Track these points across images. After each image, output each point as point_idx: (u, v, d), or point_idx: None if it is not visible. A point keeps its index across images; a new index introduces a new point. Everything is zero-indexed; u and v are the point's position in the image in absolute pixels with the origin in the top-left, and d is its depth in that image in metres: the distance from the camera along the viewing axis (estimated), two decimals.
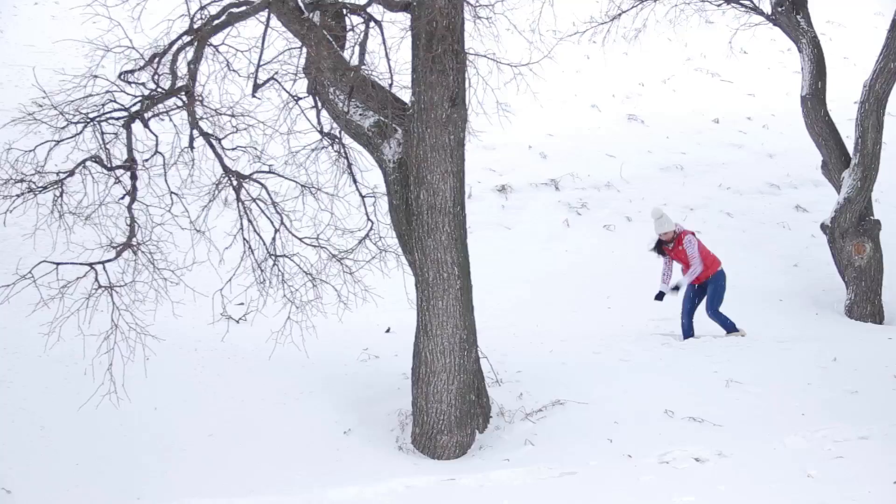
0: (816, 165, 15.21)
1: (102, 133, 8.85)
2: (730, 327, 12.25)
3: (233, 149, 9.30)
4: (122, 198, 8.98)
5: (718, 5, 15.64)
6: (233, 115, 9.20)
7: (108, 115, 8.84)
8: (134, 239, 8.86)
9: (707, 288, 12.36)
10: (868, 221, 14.05)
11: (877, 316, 13.89)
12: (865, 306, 13.91)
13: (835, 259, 14.27)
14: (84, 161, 8.83)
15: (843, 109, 17.26)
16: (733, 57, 19.69)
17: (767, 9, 15.12)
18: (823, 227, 14.33)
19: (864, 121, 13.91)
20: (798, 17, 14.61)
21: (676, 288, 12.49)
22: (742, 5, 15.32)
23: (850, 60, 21.75)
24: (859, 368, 10.45)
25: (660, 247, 12.45)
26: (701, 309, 12.43)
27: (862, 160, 13.92)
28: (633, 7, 15.55)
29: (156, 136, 9.02)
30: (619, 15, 15.64)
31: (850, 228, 13.98)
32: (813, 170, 16.39)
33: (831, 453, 8.61)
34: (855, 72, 19.18)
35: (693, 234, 12.38)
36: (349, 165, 10.09)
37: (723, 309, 12.32)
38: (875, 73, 13.85)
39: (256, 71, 9.07)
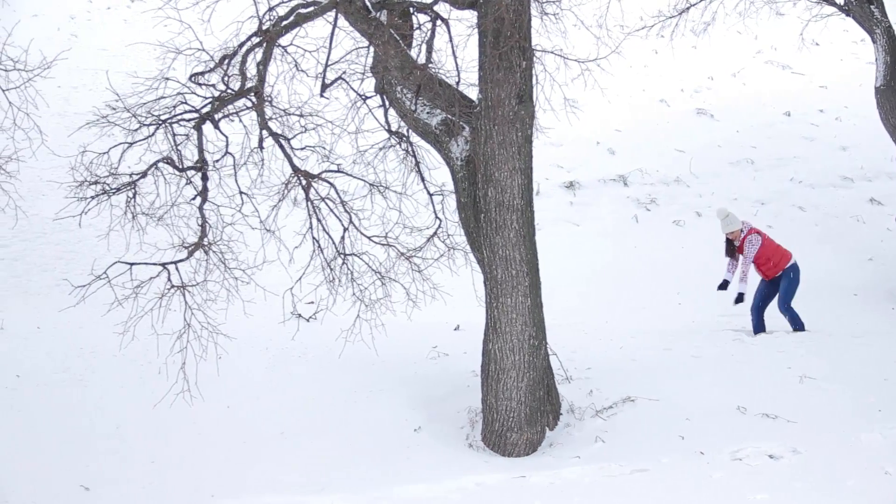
0: (891, 157, 14.95)
1: (174, 135, 8.96)
2: (800, 326, 12.05)
3: (301, 148, 9.36)
4: (194, 198, 9.08)
5: None
6: (301, 115, 9.26)
7: (179, 117, 8.94)
8: (205, 239, 8.96)
9: (780, 283, 12.19)
10: None
11: None
12: None
13: None
14: (156, 162, 8.95)
15: None
16: (805, 49, 19.36)
17: None
18: None
19: None
20: (872, 6, 14.35)
21: (740, 299, 12.25)
22: None
23: None
24: None
25: (731, 248, 12.27)
26: (773, 304, 12.27)
27: None
28: (701, 0, 15.40)
29: (226, 137, 9.11)
30: (688, 8, 15.51)
31: None
32: (888, 162, 16.12)
33: None
34: None
35: (759, 232, 12.17)
36: (417, 164, 10.11)
37: (796, 304, 12.14)
38: None
39: (324, 71, 9.13)
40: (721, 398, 9.69)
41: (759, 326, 12.22)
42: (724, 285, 12.41)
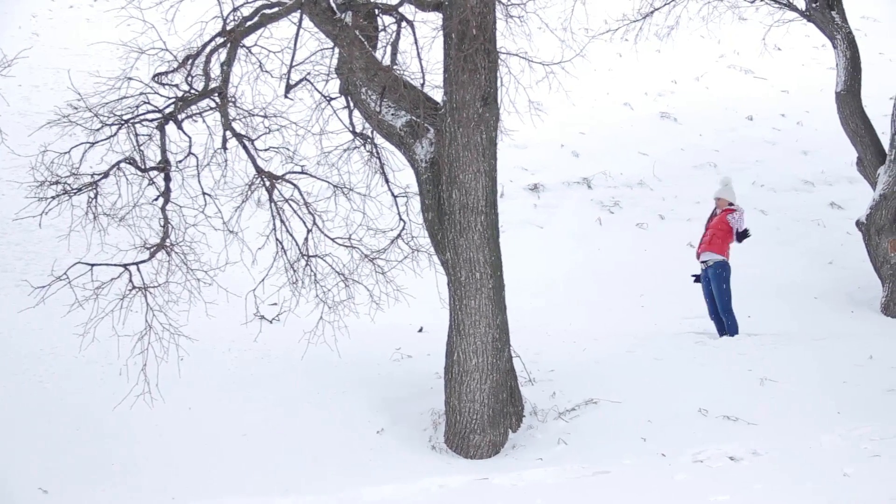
0: (852, 162, 15.09)
1: (136, 135, 8.92)
2: (733, 332, 12.11)
3: (265, 149, 9.34)
4: (156, 199, 9.04)
5: (752, 2, 15.59)
6: (265, 116, 9.25)
7: (141, 117, 8.90)
8: (167, 240, 8.91)
9: (711, 283, 12.26)
10: None
11: None
12: None
13: (870, 256, 14.14)
14: (118, 163, 8.90)
15: (879, 105, 17.11)
16: (767, 54, 19.57)
17: (801, 5, 15.03)
18: (859, 224, 14.20)
19: None
20: (832, 12, 14.51)
21: (699, 277, 12.47)
22: (776, 1, 15.27)
23: (886, 56, 21.57)
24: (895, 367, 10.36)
25: (712, 217, 12.51)
26: None
27: None
28: (665, 4, 15.53)
29: (189, 138, 9.07)
30: (652, 12, 15.61)
31: (886, 225, 13.84)
32: (848, 166, 16.26)
33: (868, 452, 8.53)
34: (890, 67, 19.06)
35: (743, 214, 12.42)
36: (381, 165, 10.11)
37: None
38: None
39: (289, 72, 9.11)
40: (683, 400, 9.74)
41: (721, 328, 12.31)
42: (698, 278, 12.51)
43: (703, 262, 12.39)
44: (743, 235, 12.35)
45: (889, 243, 13.83)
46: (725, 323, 12.19)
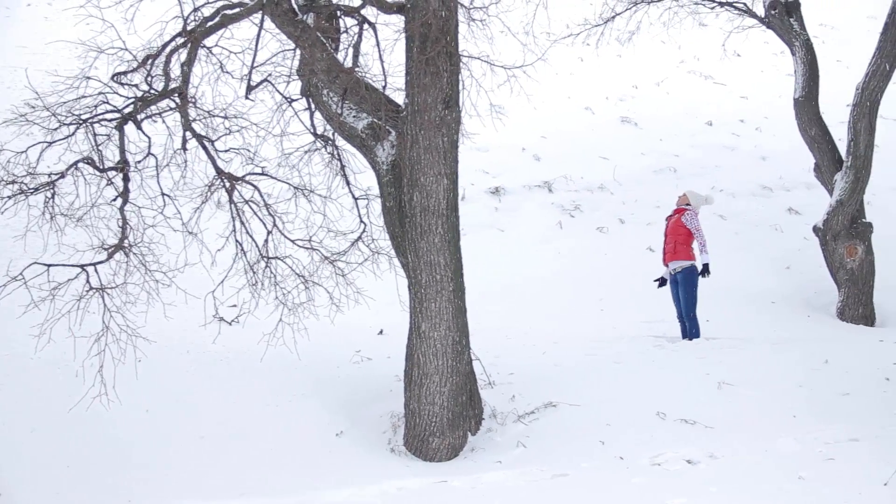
0: (809, 168, 15.24)
1: (95, 135, 8.84)
2: (695, 335, 12.23)
3: (226, 150, 9.29)
4: (115, 199, 8.97)
5: (712, 8, 15.69)
6: (226, 117, 9.21)
7: (100, 117, 8.83)
8: (126, 241, 8.85)
9: (678, 288, 12.36)
10: (860, 224, 14.08)
11: (868, 318, 13.92)
12: (857, 308, 13.94)
13: (827, 261, 14.30)
14: (76, 162, 8.82)
15: (836, 112, 17.32)
16: (727, 59, 19.75)
17: (761, 12, 15.18)
18: (816, 229, 14.35)
19: (856, 123, 13.95)
20: (791, 20, 14.66)
21: (663, 281, 12.58)
22: (735, 8, 15.38)
23: (843, 63, 21.80)
24: (851, 370, 10.46)
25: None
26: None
27: (854, 163, 13.95)
28: (626, 9, 15.60)
29: (148, 138, 9.01)
30: (613, 17, 15.69)
31: (843, 231, 14.00)
32: (805, 172, 16.42)
33: (822, 455, 8.61)
34: (848, 74, 19.24)
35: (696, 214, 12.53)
36: (342, 167, 10.09)
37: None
38: (867, 76, 13.89)
39: (250, 73, 9.07)
40: (641, 404, 9.79)
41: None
42: (662, 282, 12.60)
43: (672, 270, 12.47)
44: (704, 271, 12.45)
45: (845, 249, 13.99)
46: (688, 327, 12.28)
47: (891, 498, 7.75)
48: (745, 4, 15.31)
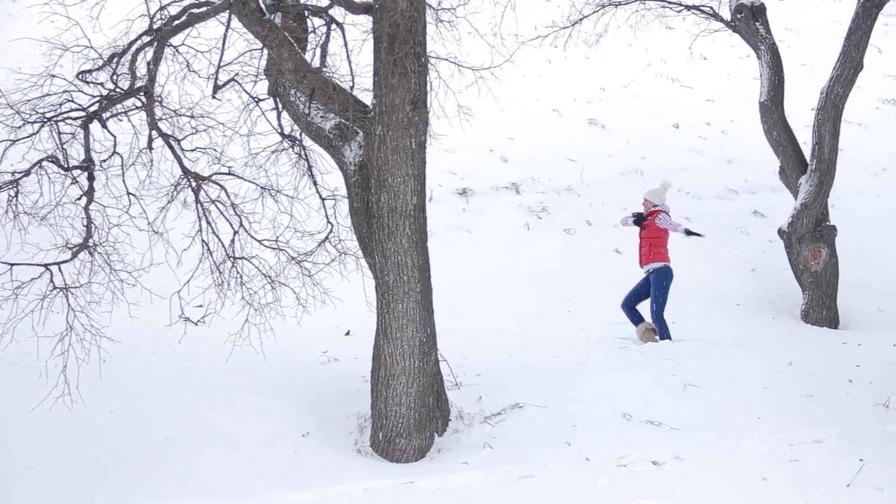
0: (774, 171, 15.35)
1: (59, 133, 8.77)
2: (666, 337, 12.28)
3: (192, 150, 9.24)
4: (79, 198, 8.90)
5: (679, 11, 15.77)
6: (192, 117, 9.15)
7: (65, 115, 8.76)
8: (90, 240, 8.78)
9: (651, 286, 12.41)
10: (824, 227, 14.20)
11: (832, 320, 14.03)
12: (821, 311, 14.05)
13: (791, 264, 14.40)
14: (40, 161, 8.75)
15: (801, 116, 17.44)
16: (693, 63, 19.86)
17: (727, 15, 15.28)
18: (781, 232, 14.46)
19: (820, 127, 14.07)
20: (757, 24, 14.76)
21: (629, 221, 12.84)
22: (702, 12, 15.46)
23: (808, 67, 21.97)
24: (814, 372, 10.53)
25: (638, 219, 12.61)
26: (645, 305, 12.53)
27: (819, 166, 14.07)
28: (594, 12, 15.66)
29: (114, 137, 8.95)
30: (581, 20, 15.75)
31: (807, 234, 14.11)
32: (771, 175, 16.54)
33: (786, 457, 8.67)
34: (812, 78, 19.38)
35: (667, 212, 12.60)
36: (309, 168, 10.05)
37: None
38: (832, 80, 14.02)
39: (217, 72, 9.03)
40: (607, 405, 9.82)
41: (634, 319, 12.47)
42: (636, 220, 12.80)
43: (646, 271, 12.50)
44: (689, 233, 12.53)
45: (810, 251, 14.10)
46: (658, 329, 12.31)
47: (853, 499, 7.83)
48: (711, 8, 15.40)
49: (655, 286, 12.35)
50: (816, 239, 14.11)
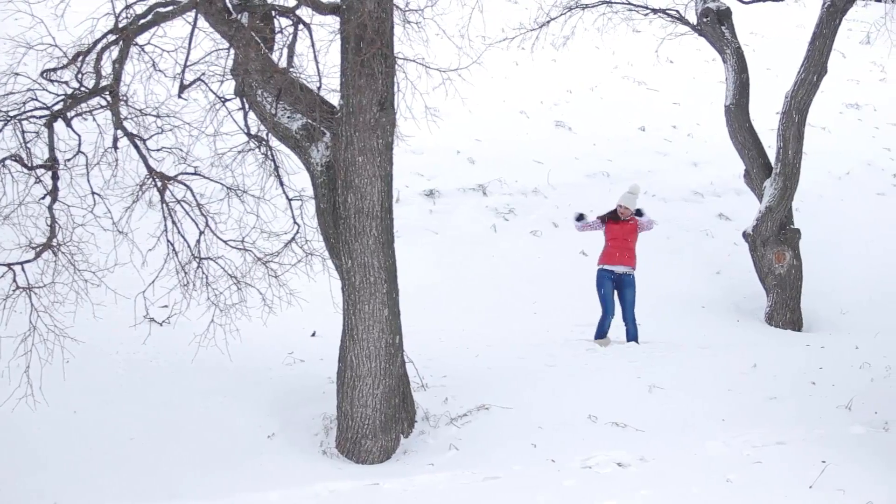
0: (739, 174, 15.46)
1: (23, 132, 8.69)
2: (635, 338, 12.34)
3: (158, 150, 9.18)
4: (43, 198, 8.82)
5: (645, 15, 15.84)
6: (158, 116, 9.10)
7: (29, 114, 8.68)
8: (54, 239, 8.70)
9: (625, 289, 12.42)
10: (788, 230, 14.32)
11: (796, 323, 14.16)
12: (785, 314, 14.17)
13: (756, 267, 14.51)
14: (3, 160, 8.66)
15: (766, 119, 17.57)
16: (659, 66, 19.98)
17: (693, 19, 15.38)
18: (745, 235, 14.57)
19: (785, 131, 14.18)
20: (723, 28, 14.86)
21: (581, 217, 12.85)
22: (668, 15, 15.55)
23: (773, 71, 22.14)
24: (778, 375, 10.62)
25: (612, 216, 12.62)
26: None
27: (783, 170, 14.18)
28: (561, 14, 15.70)
29: (78, 136, 8.87)
30: (548, 22, 15.79)
31: (771, 237, 14.22)
32: (736, 178, 16.66)
33: (750, 458, 8.74)
34: (777, 82, 19.53)
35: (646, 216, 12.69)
36: (276, 168, 10.01)
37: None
38: (796, 85, 14.14)
39: (183, 71, 8.97)
40: (573, 407, 9.86)
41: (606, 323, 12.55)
42: (580, 217, 12.82)
43: (620, 272, 12.47)
44: (638, 214, 12.58)
45: (774, 254, 14.21)
46: (630, 330, 12.34)
47: (816, 500, 7.90)
48: (677, 12, 15.48)
49: (632, 289, 12.38)
50: (781, 242, 14.22)
